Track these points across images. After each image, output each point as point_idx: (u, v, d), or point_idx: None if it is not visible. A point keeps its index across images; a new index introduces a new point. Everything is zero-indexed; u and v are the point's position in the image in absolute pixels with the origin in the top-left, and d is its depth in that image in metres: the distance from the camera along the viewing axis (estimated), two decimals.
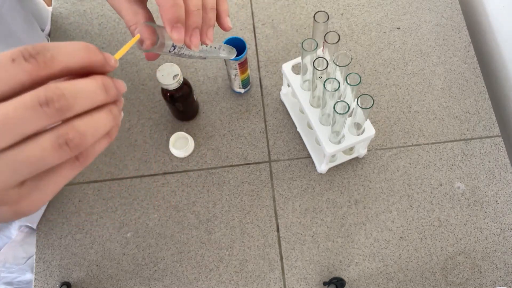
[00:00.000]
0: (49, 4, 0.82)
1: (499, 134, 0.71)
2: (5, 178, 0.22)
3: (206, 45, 0.39)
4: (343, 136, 0.60)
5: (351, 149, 0.67)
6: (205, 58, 0.44)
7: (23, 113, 0.21)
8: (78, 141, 0.23)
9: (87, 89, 0.24)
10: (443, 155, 0.69)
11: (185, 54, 0.39)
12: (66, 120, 0.23)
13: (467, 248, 0.65)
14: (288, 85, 0.67)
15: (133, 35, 0.37)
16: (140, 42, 0.36)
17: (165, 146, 0.70)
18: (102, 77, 0.25)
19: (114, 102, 0.26)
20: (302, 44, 0.54)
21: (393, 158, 0.69)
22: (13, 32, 0.57)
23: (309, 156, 0.69)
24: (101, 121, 0.24)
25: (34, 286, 0.64)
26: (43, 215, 0.67)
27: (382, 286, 0.63)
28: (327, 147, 0.60)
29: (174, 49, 0.37)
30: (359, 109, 0.54)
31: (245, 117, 0.72)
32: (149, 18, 0.38)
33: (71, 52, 0.23)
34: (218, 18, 0.40)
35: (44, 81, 0.22)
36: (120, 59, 0.76)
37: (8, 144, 0.21)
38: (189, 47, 0.37)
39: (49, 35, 0.78)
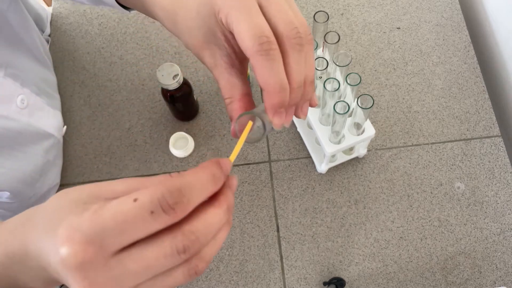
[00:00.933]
0: (49, 4, 0.82)
1: (499, 134, 0.71)
2: None
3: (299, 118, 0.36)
4: (343, 136, 0.60)
5: (351, 149, 0.67)
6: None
7: (164, 262, 0.24)
8: (206, 266, 0.26)
9: (216, 222, 0.26)
10: (443, 155, 0.69)
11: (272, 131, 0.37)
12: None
13: (467, 248, 0.65)
14: None
15: (227, 110, 0.35)
16: (239, 127, 0.34)
17: (165, 146, 0.70)
18: (227, 200, 0.27)
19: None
20: None
21: (393, 158, 0.69)
22: (17, 34, 0.58)
23: (309, 156, 0.69)
24: (223, 238, 0.27)
25: None
26: None
27: (382, 286, 0.63)
28: (327, 147, 0.60)
29: (265, 131, 0.33)
30: (359, 109, 0.54)
31: None
32: (246, 91, 0.35)
33: (202, 190, 0.25)
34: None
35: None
36: (120, 59, 0.77)
37: (146, 279, 0.24)
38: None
39: (49, 35, 0.78)
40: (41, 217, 0.27)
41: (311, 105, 0.35)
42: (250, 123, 0.32)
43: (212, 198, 0.27)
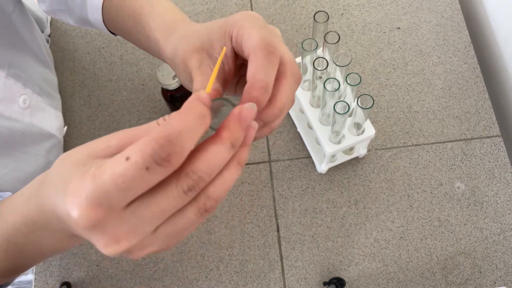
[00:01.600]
0: None
1: (499, 134, 0.71)
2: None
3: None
4: (343, 136, 0.60)
5: (351, 149, 0.67)
6: None
7: (173, 203, 0.24)
8: (215, 204, 0.26)
9: (219, 160, 0.26)
10: (443, 155, 0.69)
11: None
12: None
13: (467, 248, 0.65)
14: None
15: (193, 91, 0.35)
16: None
17: None
18: (229, 136, 0.26)
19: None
20: (302, 44, 0.54)
21: (393, 158, 0.69)
22: (20, 35, 0.58)
23: (309, 156, 0.69)
24: (232, 178, 0.27)
25: (34, 286, 0.64)
26: None
27: (382, 286, 0.63)
28: (327, 147, 0.60)
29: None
30: (359, 109, 0.54)
31: None
32: (219, 95, 0.35)
33: (192, 133, 0.24)
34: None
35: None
36: (120, 58, 0.77)
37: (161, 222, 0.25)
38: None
39: (49, 35, 0.78)
40: (50, 183, 0.28)
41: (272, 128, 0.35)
42: (224, 48, 0.32)
43: (215, 134, 0.27)
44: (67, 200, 0.24)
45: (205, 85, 0.34)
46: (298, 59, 0.64)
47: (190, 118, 0.25)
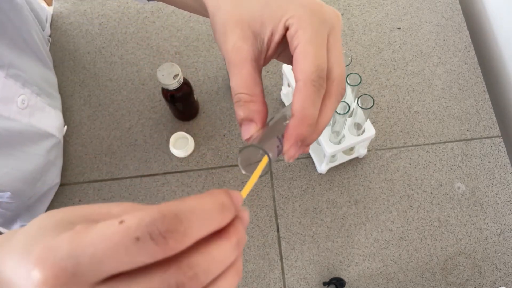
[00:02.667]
0: (50, 4, 0.82)
1: (499, 135, 0.71)
2: None
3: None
4: (343, 136, 0.60)
5: (351, 149, 0.67)
6: None
7: None
8: None
9: (222, 258, 0.21)
10: (443, 155, 0.69)
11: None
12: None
13: (467, 249, 0.65)
14: (289, 85, 0.67)
15: (244, 108, 0.30)
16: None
17: (165, 146, 0.70)
18: (235, 233, 0.22)
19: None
20: None
21: (393, 158, 0.69)
22: (20, 34, 0.58)
23: (309, 156, 0.69)
24: None
25: None
26: None
27: (382, 286, 0.63)
28: (327, 147, 0.60)
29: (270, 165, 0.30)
30: (360, 109, 0.54)
31: None
32: (262, 96, 0.31)
33: (205, 220, 0.20)
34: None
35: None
36: (120, 58, 0.77)
37: None
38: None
39: (49, 35, 0.78)
40: (21, 238, 0.23)
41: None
42: (265, 158, 0.29)
43: (219, 232, 0.22)
44: (33, 254, 0.19)
45: (242, 88, 0.30)
46: None
47: (209, 202, 0.21)
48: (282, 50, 0.33)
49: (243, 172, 0.30)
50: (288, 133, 0.29)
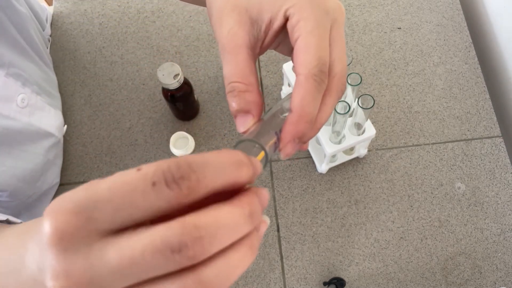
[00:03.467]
0: (50, 4, 0.82)
1: (500, 135, 0.71)
2: None
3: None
4: (344, 136, 0.60)
5: (352, 149, 0.67)
6: None
7: (150, 259, 0.18)
8: None
9: (231, 224, 0.20)
10: (444, 155, 0.69)
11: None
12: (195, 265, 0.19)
13: (467, 249, 0.64)
14: (289, 85, 0.67)
15: (239, 98, 0.29)
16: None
17: (165, 146, 0.70)
18: (249, 201, 0.21)
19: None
20: None
21: (393, 158, 0.69)
22: (20, 33, 0.58)
23: (309, 156, 0.69)
24: (239, 264, 0.20)
25: None
26: None
27: (382, 286, 0.63)
28: (327, 147, 0.60)
29: (266, 161, 0.29)
30: (360, 109, 0.54)
31: None
32: (258, 86, 0.29)
33: (219, 171, 0.20)
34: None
35: (185, 206, 0.19)
36: (121, 58, 0.77)
37: (127, 285, 0.19)
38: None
39: (50, 35, 0.78)
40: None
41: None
42: (262, 153, 0.28)
43: (232, 199, 0.21)
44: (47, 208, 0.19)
45: (236, 76, 0.28)
46: None
47: (225, 156, 0.20)
48: (281, 40, 0.32)
49: None
50: (285, 130, 0.28)
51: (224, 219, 0.19)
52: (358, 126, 0.60)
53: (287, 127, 0.28)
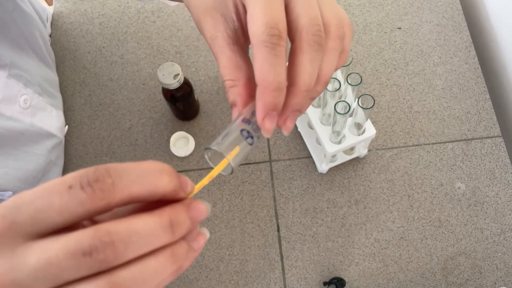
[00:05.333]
0: (50, 3, 0.82)
1: (500, 135, 0.71)
2: None
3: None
4: (344, 136, 0.60)
5: (352, 149, 0.67)
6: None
7: (63, 261, 0.19)
8: None
9: (145, 232, 0.20)
10: (444, 155, 0.69)
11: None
12: (109, 269, 0.20)
13: (467, 249, 0.64)
14: None
15: (228, 94, 0.30)
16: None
17: (165, 146, 0.70)
18: (171, 212, 0.22)
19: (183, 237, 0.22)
20: None
21: (393, 158, 0.69)
22: (22, 34, 0.58)
23: (309, 156, 0.69)
24: (156, 270, 0.21)
25: None
26: None
27: (382, 286, 0.63)
28: (327, 147, 0.60)
29: (233, 170, 0.29)
30: (360, 109, 0.54)
31: None
32: (251, 75, 0.30)
33: (137, 177, 0.21)
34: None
35: (105, 211, 0.20)
36: (121, 58, 0.77)
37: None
38: (267, 131, 0.28)
39: (49, 35, 0.78)
40: None
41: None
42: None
43: (155, 209, 0.22)
44: None
45: (225, 74, 0.29)
46: None
47: (147, 164, 0.21)
48: None
49: (211, 165, 0.29)
50: (256, 106, 0.27)
51: (138, 227, 0.20)
52: (358, 126, 0.60)
53: (257, 102, 0.27)
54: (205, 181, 0.26)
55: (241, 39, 0.30)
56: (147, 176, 0.21)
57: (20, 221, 0.19)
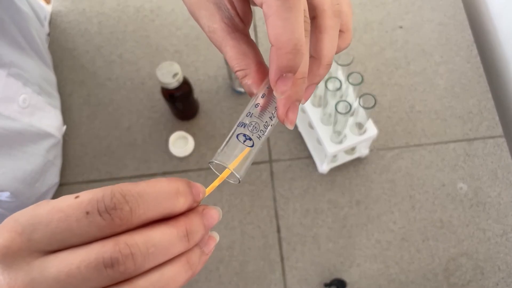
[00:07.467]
0: (48, 2, 0.82)
1: (502, 135, 0.70)
2: None
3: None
4: (345, 136, 0.60)
5: (353, 149, 0.67)
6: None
7: (85, 273, 0.20)
8: None
9: (163, 243, 0.21)
10: (446, 155, 0.69)
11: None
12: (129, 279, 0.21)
13: (469, 250, 0.64)
14: None
15: (244, 86, 0.29)
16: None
17: (164, 146, 0.69)
18: (186, 222, 0.22)
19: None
20: None
21: (395, 159, 0.69)
22: (21, 33, 0.57)
23: (310, 156, 0.69)
24: (173, 278, 0.22)
25: None
26: None
27: (383, 287, 0.62)
28: (328, 147, 0.59)
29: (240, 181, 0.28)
30: (361, 109, 0.53)
31: None
32: (260, 59, 0.29)
33: (154, 202, 0.21)
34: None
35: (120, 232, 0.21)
36: (119, 57, 0.76)
37: None
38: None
39: (48, 34, 0.77)
40: None
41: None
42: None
43: (168, 219, 0.22)
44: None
45: (234, 66, 0.28)
46: None
47: (162, 186, 0.22)
48: None
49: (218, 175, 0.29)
50: (270, 67, 0.25)
51: (156, 239, 0.21)
52: (360, 126, 0.59)
53: (271, 62, 0.24)
54: (215, 183, 0.26)
55: (239, 24, 0.29)
56: (163, 200, 0.22)
57: (36, 239, 0.20)
